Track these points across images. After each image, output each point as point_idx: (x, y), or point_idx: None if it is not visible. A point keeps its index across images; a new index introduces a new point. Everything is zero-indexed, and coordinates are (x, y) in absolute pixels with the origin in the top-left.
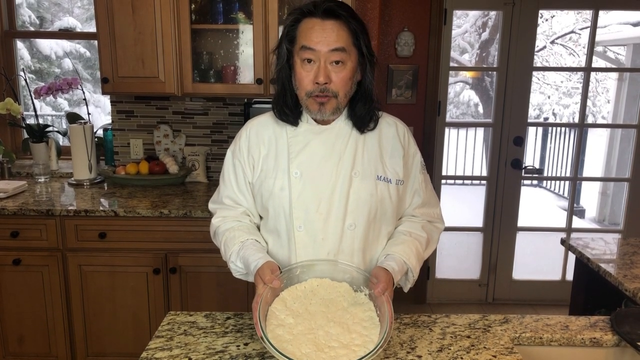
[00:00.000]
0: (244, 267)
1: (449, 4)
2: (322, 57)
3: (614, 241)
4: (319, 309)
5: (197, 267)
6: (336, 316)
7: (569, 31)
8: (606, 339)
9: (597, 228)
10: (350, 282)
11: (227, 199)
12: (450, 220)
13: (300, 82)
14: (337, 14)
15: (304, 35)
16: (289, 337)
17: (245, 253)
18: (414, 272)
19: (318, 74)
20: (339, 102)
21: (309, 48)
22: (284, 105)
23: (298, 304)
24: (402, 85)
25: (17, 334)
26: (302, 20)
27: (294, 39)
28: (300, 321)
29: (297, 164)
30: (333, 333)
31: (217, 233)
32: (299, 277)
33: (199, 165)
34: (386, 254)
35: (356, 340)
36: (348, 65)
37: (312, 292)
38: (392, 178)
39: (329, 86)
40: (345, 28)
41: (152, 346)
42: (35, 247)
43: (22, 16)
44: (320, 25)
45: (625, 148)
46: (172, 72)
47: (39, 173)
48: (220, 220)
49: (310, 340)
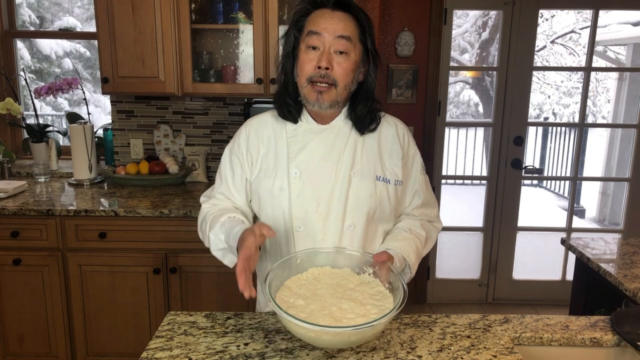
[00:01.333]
0: (225, 237)
1: (449, 3)
2: (327, 43)
3: (614, 241)
4: (326, 291)
5: (197, 267)
6: (345, 295)
7: (569, 31)
8: (606, 339)
9: (597, 228)
10: (352, 267)
11: (220, 195)
12: (451, 220)
13: (302, 67)
14: (346, 7)
15: (312, 21)
16: (304, 315)
17: (230, 225)
18: (413, 270)
19: (321, 58)
20: (338, 94)
21: (315, 32)
22: (286, 94)
23: (304, 289)
24: (402, 85)
25: (17, 333)
26: (312, 11)
27: (301, 28)
28: (311, 302)
29: (297, 164)
30: (346, 308)
31: (206, 217)
32: (299, 266)
33: (199, 165)
34: (386, 248)
35: (372, 310)
36: (352, 56)
37: (315, 279)
38: (390, 179)
39: (329, 72)
40: (354, 20)
41: (152, 346)
42: (35, 247)
43: (22, 16)
44: (330, 14)
45: (625, 148)
46: (172, 71)
47: (39, 173)
48: (210, 206)
49: (326, 315)
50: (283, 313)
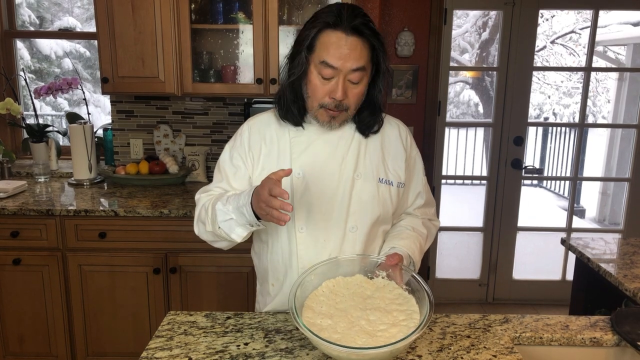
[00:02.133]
0: (233, 205)
1: (449, 3)
2: (342, 74)
3: (614, 241)
4: (347, 304)
5: (197, 267)
6: (367, 304)
7: (569, 31)
8: (606, 338)
9: (597, 228)
10: (363, 272)
11: (219, 189)
12: (451, 220)
13: (314, 92)
14: (362, 32)
15: (326, 49)
16: (337, 337)
17: (237, 194)
18: (416, 267)
19: (336, 89)
20: (349, 115)
21: (330, 66)
22: (293, 106)
23: (325, 306)
24: (402, 85)
25: (17, 333)
26: (324, 30)
27: (312, 46)
28: (338, 320)
29: (300, 165)
30: (374, 319)
31: (205, 204)
32: (312, 282)
33: (199, 165)
34: (392, 246)
35: (399, 316)
36: (364, 80)
37: (332, 292)
38: (393, 181)
39: (343, 101)
40: (368, 46)
41: (152, 346)
42: (35, 247)
43: (22, 16)
44: (345, 41)
45: (625, 148)
46: (172, 72)
47: (39, 173)
48: (209, 196)
49: (358, 331)
50: (322, 341)
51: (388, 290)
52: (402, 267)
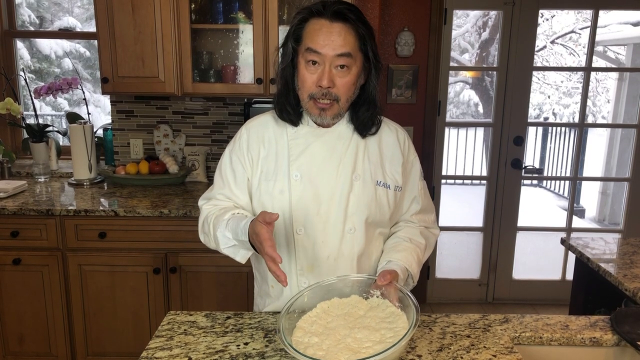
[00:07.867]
0: (233, 234)
1: (449, 3)
2: (327, 60)
3: (614, 241)
4: (338, 323)
5: (197, 267)
6: (357, 323)
7: (569, 31)
8: (606, 338)
9: (597, 228)
10: (359, 292)
11: (221, 195)
12: (450, 220)
13: (303, 83)
14: (345, 17)
15: (310, 36)
16: (321, 353)
17: (235, 222)
18: (415, 279)
19: (322, 77)
20: (340, 108)
21: (314, 51)
22: (286, 102)
23: (316, 326)
24: (402, 85)
25: (17, 333)
26: (309, 20)
27: (299, 38)
28: (325, 337)
29: (298, 166)
30: (360, 337)
31: (207, 217)
32: (307, 304)
33: (199, 165)
34: (388, 260)
35: (387, 334)
36: (353, 70)
37: (325, 313)
38: (391, 184)
39: (331, 90)
40: (353, 32)
41: (152, 346)
42: (35, 246)
43: (22, 16)
44: (328, 27)
45: (625, 148)
46: (172, 71)
47: (39, 173)
48: (211, 207)
49: (343, 348)
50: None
51: (381, 310)
52: (396, 284)
